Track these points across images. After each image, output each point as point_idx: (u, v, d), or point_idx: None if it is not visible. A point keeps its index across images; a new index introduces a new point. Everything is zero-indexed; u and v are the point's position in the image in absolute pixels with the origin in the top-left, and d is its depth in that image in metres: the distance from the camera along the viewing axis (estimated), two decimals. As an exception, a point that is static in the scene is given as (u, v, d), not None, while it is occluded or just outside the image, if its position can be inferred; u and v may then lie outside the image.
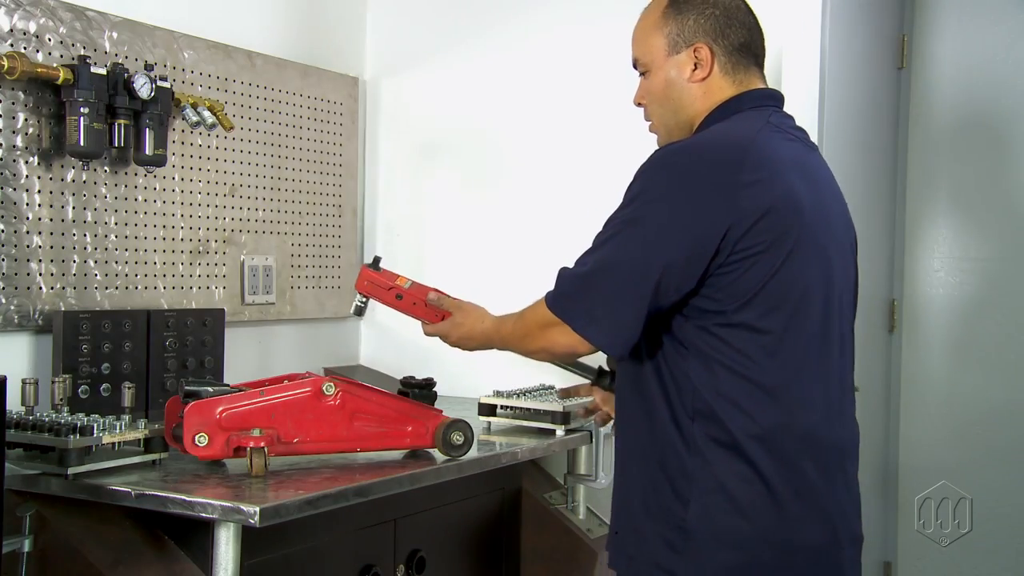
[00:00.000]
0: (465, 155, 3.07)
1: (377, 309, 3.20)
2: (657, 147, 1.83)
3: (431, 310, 2.14)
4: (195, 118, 2.53)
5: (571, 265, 1.73)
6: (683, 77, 1.77)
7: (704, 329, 1.64)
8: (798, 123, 1.81)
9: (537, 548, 2.59)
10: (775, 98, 1.81)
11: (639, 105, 1.87)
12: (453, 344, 2.10)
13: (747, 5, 1.81)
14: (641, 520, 1.70)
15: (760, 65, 1.82)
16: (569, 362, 2.17)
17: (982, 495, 3.16)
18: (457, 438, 2.07)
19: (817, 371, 1.68)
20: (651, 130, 1.87)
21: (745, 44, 1.78)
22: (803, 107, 2.50)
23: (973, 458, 3.24)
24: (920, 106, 3.37)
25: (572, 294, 1.70)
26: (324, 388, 1.94)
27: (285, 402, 1.95)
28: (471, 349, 2.08)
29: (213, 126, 2.59)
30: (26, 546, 1.79)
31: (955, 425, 3.30)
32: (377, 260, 2.23)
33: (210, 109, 2.56)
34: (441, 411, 2.08)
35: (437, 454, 2.09)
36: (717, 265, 1.60)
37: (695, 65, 1.76)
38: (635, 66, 1.85)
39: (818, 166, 1.79)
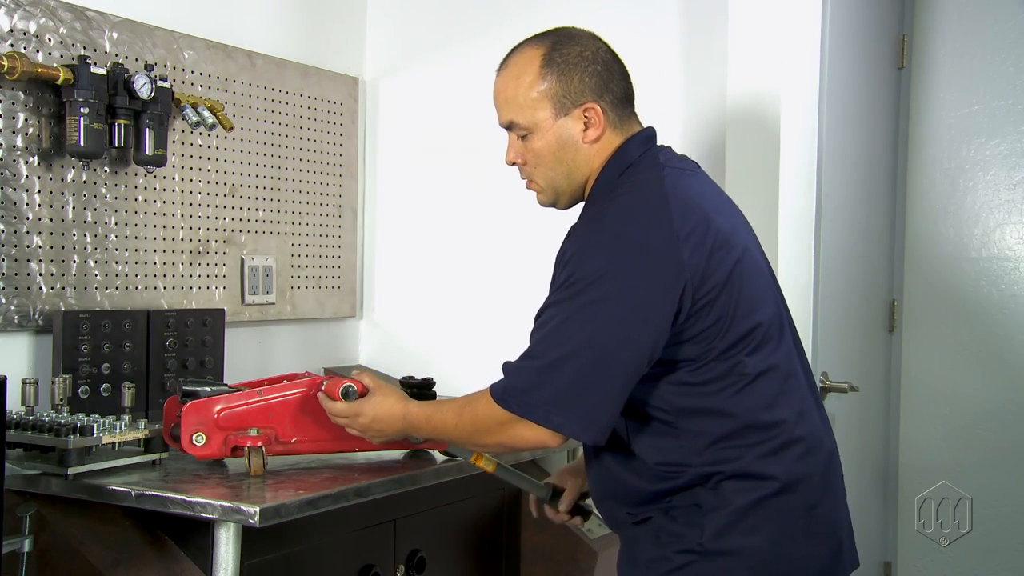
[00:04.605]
0: (465, 155, 3.07)
1: (376, 309, 3.24)
2: (541, 206, 1.81)
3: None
4: (195, 118, 2.53)
5: (514, 359, 1.65)
6: (575, 139, 1.70)
7: (681, 382, 1.63)
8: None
9: (537, 548, 2.59)
10: (652, 138, 1.76)
11: (513, 164, 1.78)
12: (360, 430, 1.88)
13: (613, 50, 1.76)
14: (652, 551, 1.68)
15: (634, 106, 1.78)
16: (515, 482, 2.02)
17: (982, 495, 3.16)
18: (456, 438, 2.07)
19: (795, 381, 1.69)
20: (531, 188, 1.79)
21: (625, 94, 1.75)
22: (803, 107, 2.50)
23: (973, 458, 3.24)
24: (920, 106, 3.37)
25: (529, 387, 1.59)
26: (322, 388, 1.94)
27: (282, 402, 1.95)
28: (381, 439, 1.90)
29: (213, 126, 2.59)
30: (26, 546, 1.79)
31: (955, 425, 3.29)
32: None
33: (210, 109, 2.56)
34: (441, 411, 2.07)
35: (437, 454, 2.09)
36: (681, 322, 1.59)
37: (585, 125, 1.70)
38: (508, 127, 1.76)
39: (709, 186, 1.76)
